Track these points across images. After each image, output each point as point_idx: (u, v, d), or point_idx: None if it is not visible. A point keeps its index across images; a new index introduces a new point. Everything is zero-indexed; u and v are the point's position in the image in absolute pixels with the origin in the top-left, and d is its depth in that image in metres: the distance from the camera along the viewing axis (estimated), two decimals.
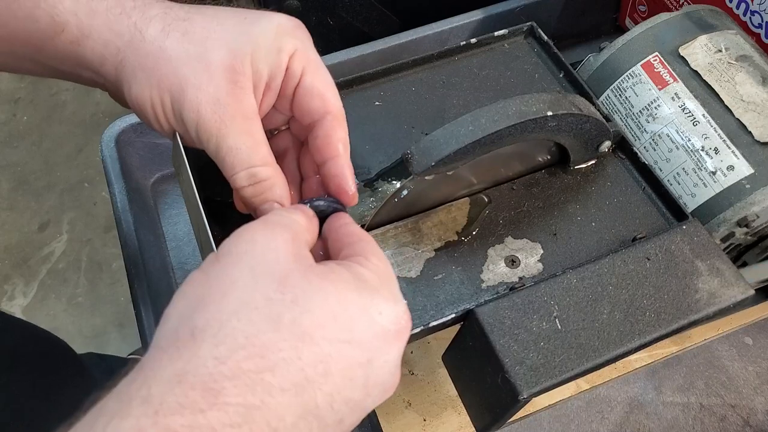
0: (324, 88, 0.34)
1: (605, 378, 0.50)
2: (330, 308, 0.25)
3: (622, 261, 0.39)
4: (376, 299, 0.26)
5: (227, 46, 0.32)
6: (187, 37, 0.33)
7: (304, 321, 0.24)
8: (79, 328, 1.29)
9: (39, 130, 1.57)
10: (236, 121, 0.32)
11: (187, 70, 0.32)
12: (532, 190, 0.44)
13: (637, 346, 0.36)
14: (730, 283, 0.38)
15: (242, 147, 0.32)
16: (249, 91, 0.33)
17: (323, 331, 0.24)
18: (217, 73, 0.32)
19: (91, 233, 1.41)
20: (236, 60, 0.32)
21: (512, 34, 0.51)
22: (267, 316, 0.24)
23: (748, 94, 0.46)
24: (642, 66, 0.49)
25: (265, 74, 0.33)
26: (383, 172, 0.44)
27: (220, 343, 0.23)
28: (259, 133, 0.33)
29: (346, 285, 0.26)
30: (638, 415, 0.50)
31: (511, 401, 0.35)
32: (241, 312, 0.24)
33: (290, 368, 0.23)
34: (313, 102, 0.34)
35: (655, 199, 0.43)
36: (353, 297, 0.26)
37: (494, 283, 0.40)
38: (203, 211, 0.35)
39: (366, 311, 0.26)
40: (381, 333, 0.26)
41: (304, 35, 0.35)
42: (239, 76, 0.32)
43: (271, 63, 0.33)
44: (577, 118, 0.40)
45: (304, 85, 0.34)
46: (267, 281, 0.25)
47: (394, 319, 0.27)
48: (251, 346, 0.23)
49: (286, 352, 0.23)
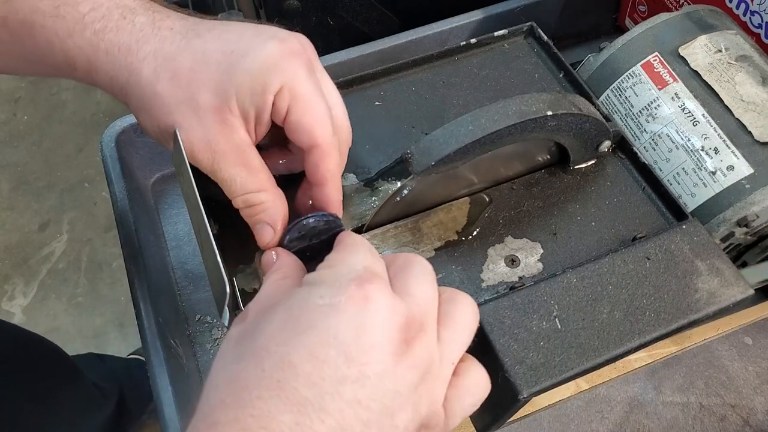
0: (310, 123, 0.34)
1: (605, 378, 0.50)
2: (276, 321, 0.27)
3: (622, 261, 0.39)
4: (313, 290, 0.28)
5: (213, 88, 0.34)
6: (175, 81, 0.34)
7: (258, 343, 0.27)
8: (79, 328, 1.29)
9: (39, 129, 1.57)
10: (228, 156, 0.34)
11: (178, 115, 0.34)
12: (532, 189, 0.44)
13: (637, 346, 0.36)
14: (730, 283, 0.38)
15: (236, 178, 0.35)
16: (239, 127, 0.34)
17: (275, 340, 0.26)
18: (206, 115, 0.34)
19: (91, 233, 1.42)
20: (222, 101, 0.34)
21: (512, 34, 0.52)
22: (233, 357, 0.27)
23: (748, 94, 0.46)
24: (642, 66, 0.49)
25: (251, 112, 0.34)
26: (383, 171, 0.44)
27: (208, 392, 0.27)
28: (253, 162, 0.35)
29: (288, 300, 0.28)
30: (638, 415, 0.50)
31: (511, 401, 0.35)
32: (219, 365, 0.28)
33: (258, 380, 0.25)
34: (299, 137, 0.35)
35: (655, 199, 0.43)
36: (293, 302, 0.28)
37: (494, 283, 0.40)
38: (203, 211, 0.35)
39: (305, 304, 0.27)
40: (331, 310, 0.27)
41: (297, 62, 0.34)
42: (226, 115, 0.34)
43: (255, 102, 0.34)
44: (577, 117, 0.40)
45: (290, 121, 0.34)
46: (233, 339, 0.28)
47: (337, 292, 0.27)
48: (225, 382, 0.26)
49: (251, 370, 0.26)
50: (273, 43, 0.34)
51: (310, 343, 0.26)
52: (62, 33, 0.35)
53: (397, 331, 0.27)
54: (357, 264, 0.29)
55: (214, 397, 0.26)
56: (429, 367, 0.27)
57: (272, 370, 0.25)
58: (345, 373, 0.25)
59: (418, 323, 0.28)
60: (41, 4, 0.35)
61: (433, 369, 0.28)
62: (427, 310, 0.29)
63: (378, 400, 0.25)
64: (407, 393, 0.26)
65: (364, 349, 0.26)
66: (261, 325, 0.27)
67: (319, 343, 0.26)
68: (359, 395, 0.25)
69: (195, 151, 0.34)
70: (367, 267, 0.29)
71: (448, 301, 0.30)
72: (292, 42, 0.35)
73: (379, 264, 0.30)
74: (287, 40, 0.35)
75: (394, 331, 0.27)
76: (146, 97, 0.35)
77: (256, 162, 0.35)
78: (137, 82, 0.35)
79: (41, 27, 0.36)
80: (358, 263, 0.29)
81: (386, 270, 0.30)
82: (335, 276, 0.28)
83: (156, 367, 0.45)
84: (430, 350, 0.28)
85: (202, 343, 0.51)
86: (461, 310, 0.30)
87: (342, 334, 0.26)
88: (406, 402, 0.26)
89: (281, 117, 0.34)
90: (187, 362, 0.49)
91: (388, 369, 0.26)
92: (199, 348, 0.51)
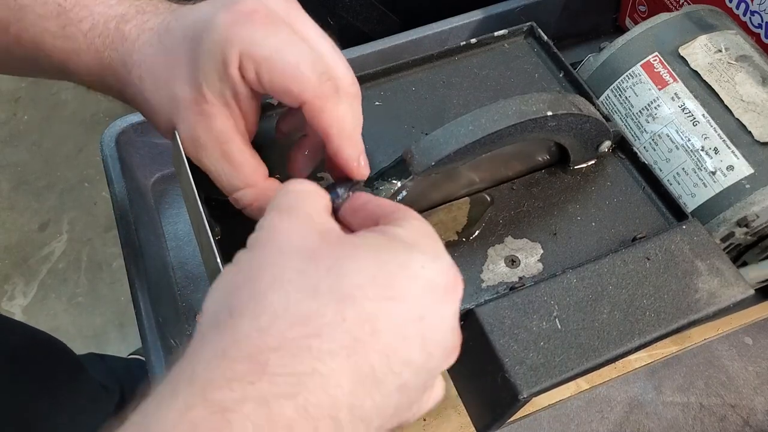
0: (282, 80, 0.31)
1: (605, 378, 0.50)
2: (367, 270, 0.24)
3: (622, 261, 0.39)
4: (414, 254, 0.25)
5: (186, 80, 0.33)
6: (158, 84, 0.34)
7: (342, 285, 0.23)
8: (79, 328, 1.29)
9: (39, 129, 1.57)
10: (208, 150, 0.33)
11: (165, 115, 0.35)
12: (532, 189, 0.44)
13: (637, 346, 0.36)
14: (730, 283, 0.38)
15: (221, 173, 0.34)
16: (217, 115, 0.33)
17: (364, 291, 0.23)
18: (185, 110, 0.33)
19: (91, 233, 1.41)
20: (196, 92, 0.33)
21: (512, 34, 0.51)
22: (302, 286, 0.23)
23: (748, 94, 0.46)
24: (642, 66, 0.49)
25: (227, 93, 0.33)
26: (383, 171, 0.44)
27: (260, 316, 0.22)
28: (236, 154, 0.33)
29: (379, 247, 0.25)
30: (638, 415, 0.50)
31: (511, 401, 0.35)
32: (275, 286, 0.23)
33: (336, 331, 0.22)
34: (284, 98, 0.32)
35: (655, 199, 0.43)
36: (389, 257, 0.25)
37: (494, 283, 0.40)
38: (203, 211, 0.35)
39: (406, 267, 0.25)
40: (428, 287, 0.25)
41: (250, 23, 0.31)
42: (202, 105, 0.33)
43: (225, 81, 0.32)
44: (577, 117, 0.40)
45: (267, 88, 0.32)
46: (297, 258, 0.24)
47: (440, 271, 0.25)
48: (291, 316, 0.22)
49: (329, 316, 0.23)
50: (221, 13, 0.32)
51: (400, 315, 0.24)
52: (72, 54, 0.36)
53: (456, 336, 0.27)
54: (444, 249, 0.27)
55: (273, 328, 0.22)
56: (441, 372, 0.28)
57: (353, 325, 0.23)
58: (414, 357, 0.24)
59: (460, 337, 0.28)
60: (48, 24, 0.36)
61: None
62: None
63: (420, 386, 0.25)
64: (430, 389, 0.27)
65: (438, 339, 0.25)
66: (343, 264, 0.24)
67: (409, 319, 0.24)
68: (411, 382, 0.24)
69: (185, 148, 0.34)
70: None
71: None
72: (245, 3, 0.32)
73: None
74: (240, 2, 0.32)
75: (455, 335, 0.27)
76: (138, 95, 0.35)
77: (237, 154, 0.33)
78: (133, 93, 0.36)
79: (52, 47, 0.36)
80: (444, 248, 0.27)
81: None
82: (435, 249, 0.26)
83: (156, 367, 0.45)
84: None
85: None
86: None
87: (429, 318, 0.25)
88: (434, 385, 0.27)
89: (256, 84, 0.32)
90: None
91: (438, 366, 0.26)
92: None
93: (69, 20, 0.36)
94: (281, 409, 0.21)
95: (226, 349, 0.22)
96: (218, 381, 0.21)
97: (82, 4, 0.36)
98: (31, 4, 0.36)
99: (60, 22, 0.36)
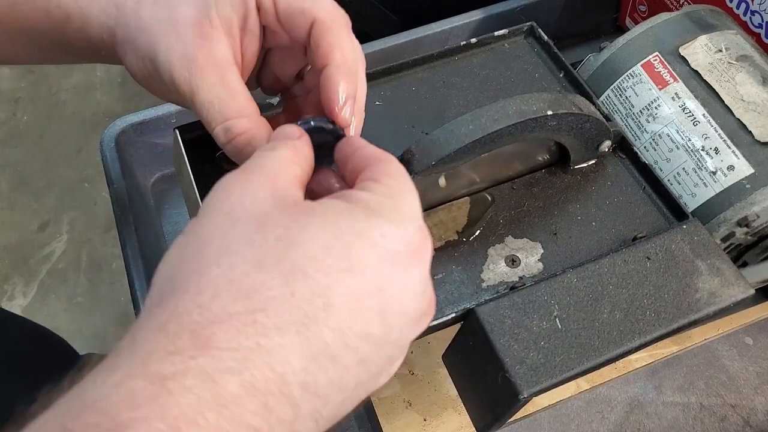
0: (301, 1, 0.32)
1: (605, 378, 0.50)
2: (320, 240, 0.23)
3: (622, 260, 0.39)
4: (374, 221, 0.24)
5: (192, 3, 0.32)
6: (158, 4, 0.33)
7: (292, 256, 0.22)
8: (79, 328, 1.29)
9: (39, 129, 1.57)
10: (205, 74, 0.31)
11: (159, 35, 0.32)
12: (532, 189, 0.44)
13: (638, 346, 0.36)
14: (731, 283, 0.38)
15: (214, 100, 0.31)
16: (220, 41, 0.32)
17: (316, 263, 0.22)
18: (185, 30, 0.32)
19: (91, 233, 1.41)
20: (202, 14, 0.32)
21: (512, 34, 0.51)
22: (250, 258, 0.22)
23: (749, 94, 0.46)
24: (642, 66, 0.49)
25: (234, 19, 0.32)
26: None
27: (203, 290, 0.21)
28: (234, 83, 0.32)
29: (336, 214, 0.24)
30: (638, 415, 0.50)
31: (512, 401, 0.35)
32: (221, 258, 0.22)
33: (284, 306, 0.21)
34: (297, 21, 0.32)
35: (656, 199, 0.43)
36: (346, 225, 0.23)
37: (494, 283, 0.40)
38: None
39: (364, 236, 0.23)
40: (388, 256, 0.23)
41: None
42: (206, 28, 0.32)
43: (236, 8, 0.32)
44: (578, 117, 0.40)
45: (281, 10, 0.32)
46: (245, 225, 0.23)
47: (401, 239, 0.24)
48: (236, 290, 0.21)
49: (277, 290, 0.21)
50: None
51: (357, 287, 0.22)
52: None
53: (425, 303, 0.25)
54: (417, 209, 0.26)
55: (214, 303, 0.21)
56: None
57: (304, 300, 0.22)
58: (373, 330, 0.23)
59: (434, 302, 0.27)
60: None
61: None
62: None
63: (384, 358, 0.24)
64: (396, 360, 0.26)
65: (398, 311, 0.24)
66: (295, 233, 0.23)
67: (366, 291, 0.23)
68: (372, 356, 0.23)
69: (173, 70, 0.32)
70: (421, 215, 0.26)
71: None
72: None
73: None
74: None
75: (422, 303, 0.25)
76: (130, 27, 0.33)
77: (236, 84, 0.32)
78: (123, 15, 0.34)
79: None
80: (417, 207, 0.26)
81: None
82: (400, 215, 0.25)
83: None
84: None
85: None
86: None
87: (388, 289, 0.23)
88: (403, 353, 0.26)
89: (272, 11, 0.32)
90: None
91: (402, 337, 0.25)
92: None
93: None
94: (226, 384, 0.20)
95: (166, 324, 0.21)
96: (159, 353, 0.20)
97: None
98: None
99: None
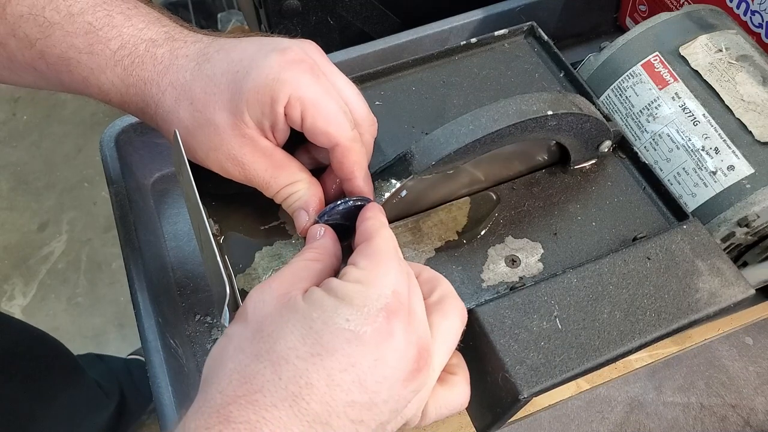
0: (325, 126, 0.36)
1: (605, 378, 0.50)
2: (297, 332, 0.28)
3: (622, 261, 0.39)
4: (340, 309, 0.29)
5: (226, 108, 0.36)
6: (193, 106, 0.37)
7: (277, 347, 0.28)
8: (78, 328, 1.29)
9: (39, 129, 1.57)
10: (256, 164, 0.37)
11: (202, 137, 0.37)
12: (532, 189, 0.44)
13: (638, 346, 0.36)
14: (731, 283, 0.38)
15: (270, 180, 0.37)
16: (258, 137, 0.37)
17: (296, 351, 0.28)
18: (225, 132, 0.36)
19: (91, 233, 1.42)
20: (237, 118, 0.36)
21: (512, 33, 0.51)
22: (250, 352, 0.28)
23: (749, 93, 0.46)
24: (642, 66, 0.49)
25: (266, 124, 0.36)
26: (383, 171, 0.44)
27: (222, 379, 0.28)
28: (281, 161, 0.37)
29: (311, 307, 0.29)
30: (638, 415, 0.50)
31: (512, 401, 0.35)
32: (234, 356, 0.29)
33: (275, 387, 0.27)
34: (319, 140, 0.36)
35: (656, 199, 0.43)
36: (316, 315, 0.28)
37: (495, 283, 0.40)
38: (203, 211, 0.35)
39: (329, 323, 0.28)
40: (353, 337, 0.28)
41: (299, 69, 0.36)
42: (244, 129, 0.36)
43: (267, 114, 0.36)
44: (578, 117, 0.40)
45: (306, 127, 0.36)
46: (251, 325, 0.29)
47: (365, 321, 0.28)
48: (240, 377, 0.28)
49: (268, 375, 0.27)
50: (274, 55, 0.36)
51: (329, 367, 0.27)
52: (96, 69, 0.39)
53: (411, 362, 0.29)
54: (386, 287, 0.30)
55: (228, 389, 0.28)
56: (425, 385, 0.30)
57: (289, 381, 0.27)
58: (356, 398, 0.27)
59: (427, 353, 0.30)
60: (76, 41, 0.38)
61: (428, 384, 0.31)
62: (439, 346, 0.31)
63: (379, 418, 0.28)
64: (403, 408, 0.30)
65: (377, 379, 0.28)
66: (280, 328, 0.29)
67: (338, 369, 0.27)
68: (364, 416, 0.28)
69: (227, 167, 0.37)
70: (395, 291, 0.30)
71: (437, 311, 0.32)
72: (293, 51, 0.36)
73: (405, 283, 0.31)
74: (289, 49, 0.36)
75: (409, 363, 0.29)
76: (172, 123, 0.37)
77: (284, 160, 0.38)
78: (163, 111, 0.38)
79: (77, 63, 0.38)
80: (387, 286, 0.30)
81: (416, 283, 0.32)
82: (364, 299, 0.29)
83: (156, 367, 0.45)
84: (431, 373, 0.31)
85: (202, 343, 0.51)
86: (452, 321, 0.32)
87: (360, 364, 0.28)
88: (399, 415, 0.30)
89: (297, 124, 0.36)
90: (186, 362, 0.49)
91: (394, 395, 0.29)
92: (199, 348, 0.51)
93: (98, 39, 0.38)
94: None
95: (200, 407, 0.28)
96: (199, 429, 0.27)
97: (111, 24, 0.38)
98: (61, 22, 0.38)
99: (88, 39, 0.38)
